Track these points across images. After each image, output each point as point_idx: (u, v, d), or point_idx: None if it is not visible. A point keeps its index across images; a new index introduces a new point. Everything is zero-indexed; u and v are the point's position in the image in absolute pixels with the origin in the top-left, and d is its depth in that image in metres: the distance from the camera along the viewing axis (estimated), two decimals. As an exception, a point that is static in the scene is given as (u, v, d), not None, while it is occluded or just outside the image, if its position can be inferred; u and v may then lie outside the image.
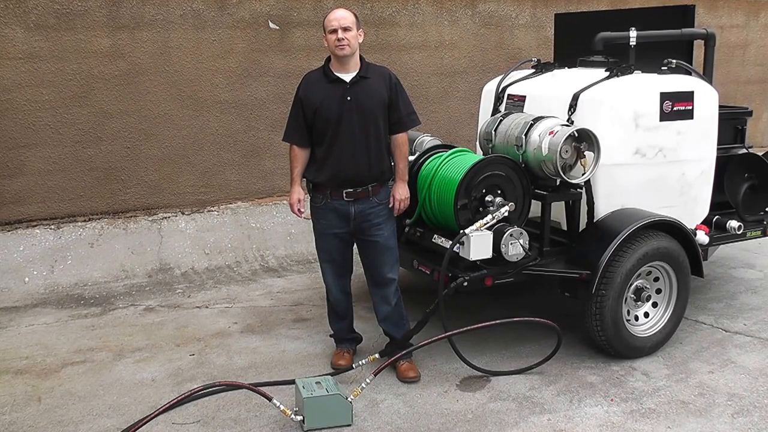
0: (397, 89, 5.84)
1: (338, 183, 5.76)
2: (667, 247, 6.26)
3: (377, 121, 5.74)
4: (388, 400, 5.65)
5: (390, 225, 5.97)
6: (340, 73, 5.71)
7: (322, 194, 5.86)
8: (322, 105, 5.69)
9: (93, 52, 8.59)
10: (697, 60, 7.36)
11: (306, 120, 5.79)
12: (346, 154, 5.69)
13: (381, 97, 5.75)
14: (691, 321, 7.12)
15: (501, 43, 11.14)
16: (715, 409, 5.57)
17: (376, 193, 5.84)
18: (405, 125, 5.89)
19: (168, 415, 5.37)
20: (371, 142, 5.73)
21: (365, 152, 5.72)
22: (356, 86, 5.70)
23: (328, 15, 5.68)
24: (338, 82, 5.70)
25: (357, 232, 5.92)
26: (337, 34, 5.57)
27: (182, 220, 9.22)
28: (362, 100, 5.69)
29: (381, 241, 5.90)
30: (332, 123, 5.68)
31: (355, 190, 5.77)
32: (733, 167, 7.32)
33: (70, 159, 8.69)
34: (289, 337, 6.82)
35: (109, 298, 7.81)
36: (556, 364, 6.21)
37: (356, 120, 5.67)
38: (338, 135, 5.69)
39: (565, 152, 6.00)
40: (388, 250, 5.96)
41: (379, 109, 5.75)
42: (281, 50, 9.57)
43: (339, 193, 5.78)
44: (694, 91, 6.62)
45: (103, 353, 6.47)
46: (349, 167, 5.71)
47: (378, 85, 5.76)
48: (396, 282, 6.04)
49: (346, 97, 5.67)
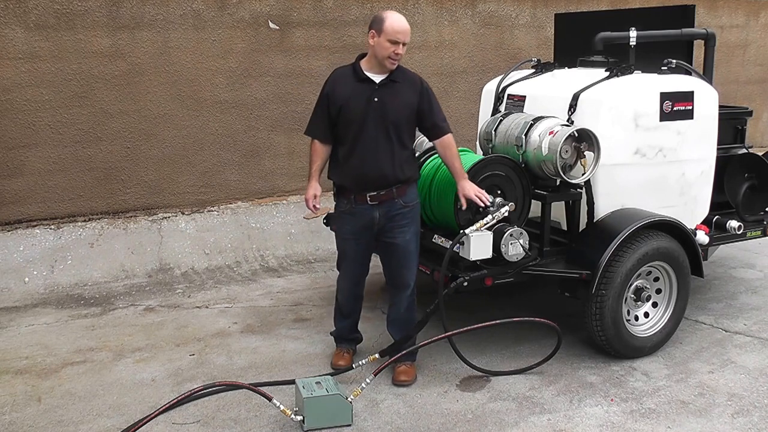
0: (428, 96, 5.75)
1: (361, 185, 5.68)
2: (667, 247, 6.26)
3: (402, 126, 5.66)
4: (388, 400, 5.65)
5: (413, 228, 5.88)
6: (371, 74, 5.64)
7: (346, 199, 5.80)
8: (347, 103, 5.62)
9: (93, 52, 8.59)
10: (697, 60, 7.36)
11: (330, 116, 5.72)
12: (368, 155, 5.62)
13: (409, 103, 5.67)
14: (691, 321, 7.13)
15: (501, 43, 11.14)
16: (715, 409, 5.57)
17: (401, 195, 5.75)
18: (443, 129, 5.79)
19: (168, 415, 5.37)
20: (395, 145, 5.65)
21: (389, 155, 5.63)
22: (385, 88, 5.62)
23: (393, 22, 5.50)
24: (367, 81, 5.63)
25: (379, 233, 5.84)
26: (397, 48, 5.48)
27: (182, 220, 9.22)
28: (389, 103, 5.61)
29: (402, 243, 5.83)
30: (356, 122, 5.60)
31: (378, 192, 5.68)
32: (733, 167, 7.32)
33: (70, 159, 8.70)
34: (289, 337, 6.82)
35: (109, 298, 7.81)
36: (556, 364, 6.21)
37: (381, 122, 5.59)
38: (361, 135, 5.61)
39: (565, 152, 6.00)
40: (409, 254, 5.88)
41: (406, 115, 5.67)
42: (281, 50, 9.57)
43: (363, 197, 5.70)
44: (694, 91, 6.62)
45: (103, 353, 6.47)
46: (372, 168, 5.62)
47: (407, 91, 5.68)
48: (412, 287, 5.97)
49: (374, 98, 5.59)
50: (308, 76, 9.74)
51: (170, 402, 5.40)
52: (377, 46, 5.53)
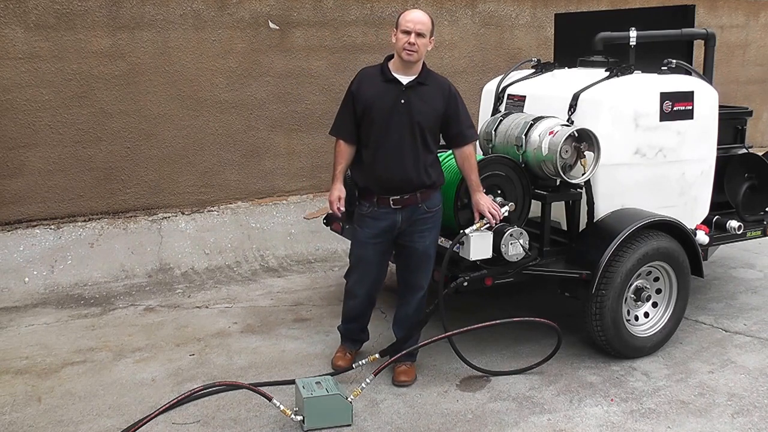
0: (456, 102, 5.70)
1: (385, 188, 5.63)
2: (667, 247, 6.26)
3: (427, 130, 5.59)
4: (388, 400, 5.65)
5: (434, 234, 5.84)
6: (398, 75, 5.58)
7: (369, 202, 5.74)
8: (373, 103, 5.56)
9: (93, 52, 8.59)
10: (697, 60, 7.36)
11: (355, 116, 5.66)
12: (393, 158, 5.56)
13: (435, 107, 5.61)
14: (691, 321, 7.13)
15: (501, 43, 11.15)
16: (715, 409, 5.57)
17: (425, 199, 5.69)
18: (467, 137, 5.73)
19: (168, 415, 5.37)
20: (420, 149, 5.58)
21: (413, 158, 5.57)
22: (412, 91, 5.56)
23: (406, 12, 5.52)
24: (394, 82, 5.57)
25: (399, 236, 5.79)
26: (409, 37, 5.42)
27: (182, 220, 9.22)
28: (415, 106, 5.54)
29: (421, 248, 5.78)
30: (381, 124, 5.55)
31: (402, 196, 5.63)
32: (733, 167, 7.32)
33: (70, 159, 8.69)
34: (289, 337, 6.82)
35: (109, 298, 7.81)
36: (556, 364, 6.21)
37: (406, 125, 5.53)
38: (386, 137, 5.56)
39: (565, 152, 6.00)
40: (427, 259, 5.84)
41: (432, 119, 5.60)
42: (281, 50, 9.57)
43: (386, 201, 5.65)
44: (694, 91, 6.62)
45: (103, 353, 6.47)
46: (396, 171, 5.57)
47: (435, 95, 5.63)
48: (424, 291, 5.95)
49: (400, 99, 5.53)
50: (308, 76, 9.75)
51: (170, 402, 5.40)
52: (396, 41, 5.51)
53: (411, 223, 5.71)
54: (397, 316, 6.10)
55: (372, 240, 5.82)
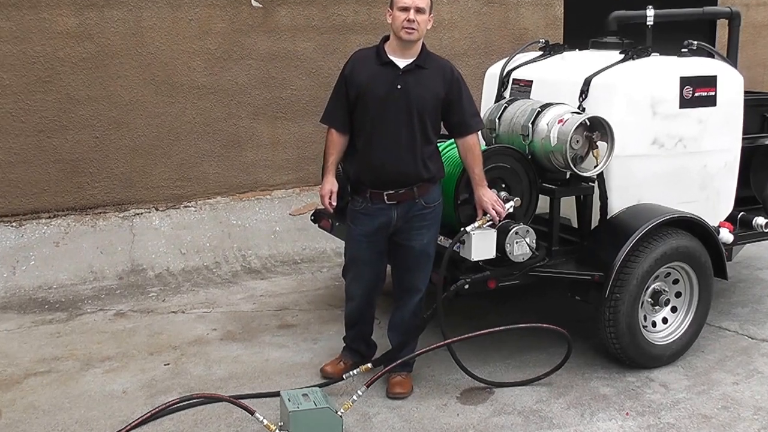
0: (459, 87, 5.71)
1: (379, 182, 5.63)
2: (687, 247, 6.27)
3: (426, 117, 5.60)
4: (381, 414, 5.66)
5: (433, 232, 5.84)
6: (395, 57, 5.58)
7: (362, 197, 5.74)
8: (368, 88, 5.56)
9: (58, 32, 8.57)
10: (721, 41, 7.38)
11: (348, 103, 5.67)
12: (388, 149, 5.56)
13: (435, 92, 5.62)
14: (714, 327, 7.14)
15: (505, 22, 11.13)
16: (740, 424, 5.58)
17: (422, 194, 5.69)
18: (470, 127, 5.75)
19: (141, 430, 5.37)
20: (417, 138, 5.58)
21: (411, 149, 5.57)
22: (409, 74, 5.56)
23: None
24: (390, 66, 5.58)
25: (394, 234, 5.80)
26: (408, 14, 5.40)
27: (156, 216, 9.22)
28: (413, 91, 5.54)
29: (418, 247, 5.78)
30: (376, 110, 5.56)
31: (397, 191, 5.63)
32: (759, 159, 7.33)
33: (33, 150, 8.68)
34: (273, 344, 6.82)
35: (76, 302, 7.81)
36: (566, 374, 6.22)
37: (404, 111, 5.53)
38: (381, 125, 5.56)
39: (576, 142, 6.00)
40: (425, 258, 5.85)
41: (431, 105, 5.61)
42: (265, 30, 9.56)
43: (380, 196, 5.65)
44: (717, 76, 6.63)
45: (69, 362, 6.47)
46: (391, 164, 5.57)
47: (434, 79, 5.63)
48: (422, 293, 5.95)
49: (397, 84, 5.53)
50: (294, 59, 9.75)
51: (143, 416, 5.41)
52: (392, 20, 5.51)
53: (407, 220, 5.71)
54: (392, 321, 6.09)
55: (366, 238, 5.83)
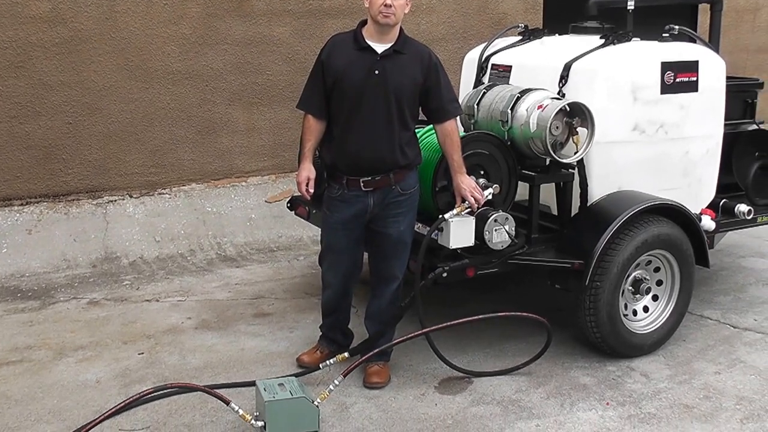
0: (437, 72, 5.70)
1: (355, 169, 5.63)
2: (668, 234, 6.27)
3: (404, 103, 5.59)
4: (358, 404, 5.64)
5: (409, 218, 5.84)
6: (373, 42, 5.57)
7: (338, 184, 5.74)
8: (345, 73, 5.55)
9: (30, 16, 8.52)
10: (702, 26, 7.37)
11: (326, 88, 5.65)
12: (365, 135, 5.56)
13: (413, 78, 5.61)
14: (696, 316, 7.15)
15: (484, 7, 11.13)
16: (722, 414, 5.59)
17: (398, 181, 5.68)
18: (449, 113, 5.74)
19: (115, 420, 5.34)
20: (395, 125, 5.58)
21: (387, 135, 5.57)
22: (387, 60, 5.55)
23: None
24: (368, 51, 5.56)
25: (370, 222, 5.80)
26: None
27: (130, 203, 9.18)
28: (391, 77, 5.53)
29: (395, 235, 5.78)
30: (353, 96, 5.54)
31: (373, 178, 5.63)
32: (742, 145, 7.34)
33: (5, 136, 8.63)
34: (248, 333, 6.81)
35: (49, 290, 7.78)
36: (546, 363, 6.22)
37: (381, 97, 5.53)
38: (358, 111, 5.55)
39: (556, 128, 5.98)
40: (402, 246, 5.85)
41: (409, 91, 5.60)
42: (240, 15, 9.52)
43: (356, 183, 5.65)
44: (699, 61, 6.63)
45: (42, 352, 6.44)
46: (368, 149, 5.57)
47: (413, 64, 5.62)
48: (400, 282, 5.95)
49: (374, 70, 5.52)
50: (270, 44, 9.72)
51: (117, 406, 5.35)
52: (369, 5, 5.48)
53: (384, 207, 5.70)
54: (369, 310, 6.08)
55: (342, 226, 5.82)
